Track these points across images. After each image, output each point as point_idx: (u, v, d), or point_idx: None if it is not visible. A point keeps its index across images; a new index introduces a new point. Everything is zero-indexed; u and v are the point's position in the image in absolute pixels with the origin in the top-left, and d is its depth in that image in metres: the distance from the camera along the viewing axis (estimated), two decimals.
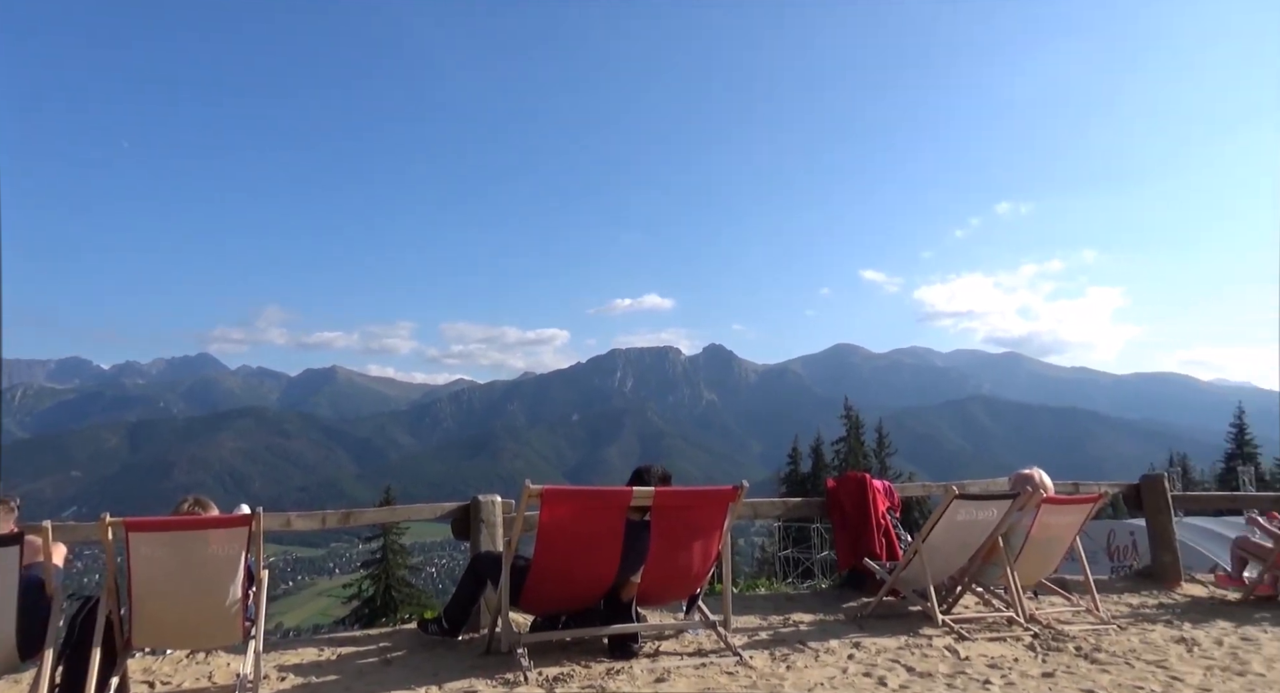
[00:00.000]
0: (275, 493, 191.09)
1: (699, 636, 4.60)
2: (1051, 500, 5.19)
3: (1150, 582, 6.61)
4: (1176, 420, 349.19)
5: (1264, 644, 4.49)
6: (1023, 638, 4.63)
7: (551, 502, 4.06)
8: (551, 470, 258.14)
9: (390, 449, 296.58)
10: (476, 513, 5.11)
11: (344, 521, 5.30)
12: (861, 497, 6.03)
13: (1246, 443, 42.13)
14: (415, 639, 4.67)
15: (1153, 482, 6.88)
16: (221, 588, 3.67)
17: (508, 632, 4.10)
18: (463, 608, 4.63)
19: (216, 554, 3.63)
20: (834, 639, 4.58)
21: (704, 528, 4.35)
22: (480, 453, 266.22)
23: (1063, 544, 5.40)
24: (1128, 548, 20.35)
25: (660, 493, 4.20)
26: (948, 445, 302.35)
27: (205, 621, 3.75)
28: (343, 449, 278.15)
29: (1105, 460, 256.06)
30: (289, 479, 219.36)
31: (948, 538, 5.01)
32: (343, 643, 4.65)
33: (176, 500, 4.32)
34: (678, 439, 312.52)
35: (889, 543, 5.87)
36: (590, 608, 4.40)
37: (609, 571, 4.20)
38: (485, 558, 4.65)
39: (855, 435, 44.04)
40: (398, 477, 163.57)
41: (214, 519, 3.87)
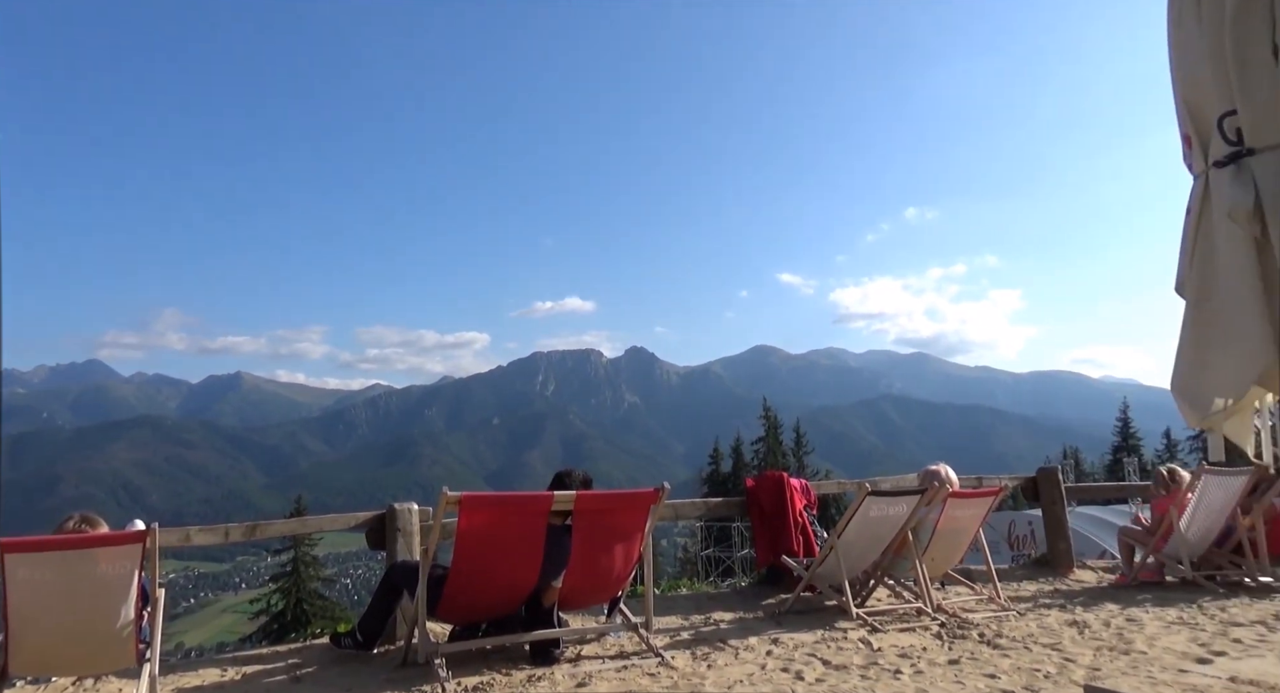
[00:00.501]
0: (175, 506, 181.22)
1: (621, 638, 4.60)
2: (957, 495, 5.43)
3: (1046, 569, 7.01)
4: (1069, 415, 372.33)
5: (1146, 624, 4.82)
6: (930, 627, 4.82)
7: (470, 509, 3.98)
8: (472, 476, 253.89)
9: (301, 458, 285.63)
10: (393, 522, 4.96)
11: (250, 534, 5.05)
12: (779, 495, 6.16)
13: (1131, 436, 45.32)
14: (327, 655, 4.49)
15: (1047, 474, 7.28)
16: (112, 609, 3.44)
17: (425, 642, 3.99)
18: (378, 620, 4.49)
19: (106, 574, 3.40)
20: (753, 636, 4.65)
21: (626, 531, 4.35)
22: (398, 460, 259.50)
23: (967, 536, 5.66)
24: (1027, 537, 21.54)
25: (581, 497, 4.18)
26: (861, 443, 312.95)
27: (94, 644, 3.50)
28: (249, 459, 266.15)
29: (1006, 455, 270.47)
30: (190, 491, 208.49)
31: (861, 534, 5.16)
32: (248, 662, 4.43)
33: (60, 518, 4.03)
34: (600, 442, 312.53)
35: (806, 540, 6.02)
36: (511, 615, 4.34)
37: (530, 577, 4.15)
38: (401, 568, 4.52)
39: (774, 435, 45.10)
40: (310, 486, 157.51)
41: (103, 537, 3.62)
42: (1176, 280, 3.22)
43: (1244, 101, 2.91)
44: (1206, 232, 3.08)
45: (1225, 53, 2.90)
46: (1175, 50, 3.17)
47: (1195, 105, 3.11)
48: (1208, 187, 3.06)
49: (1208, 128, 3.06)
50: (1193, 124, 3.13)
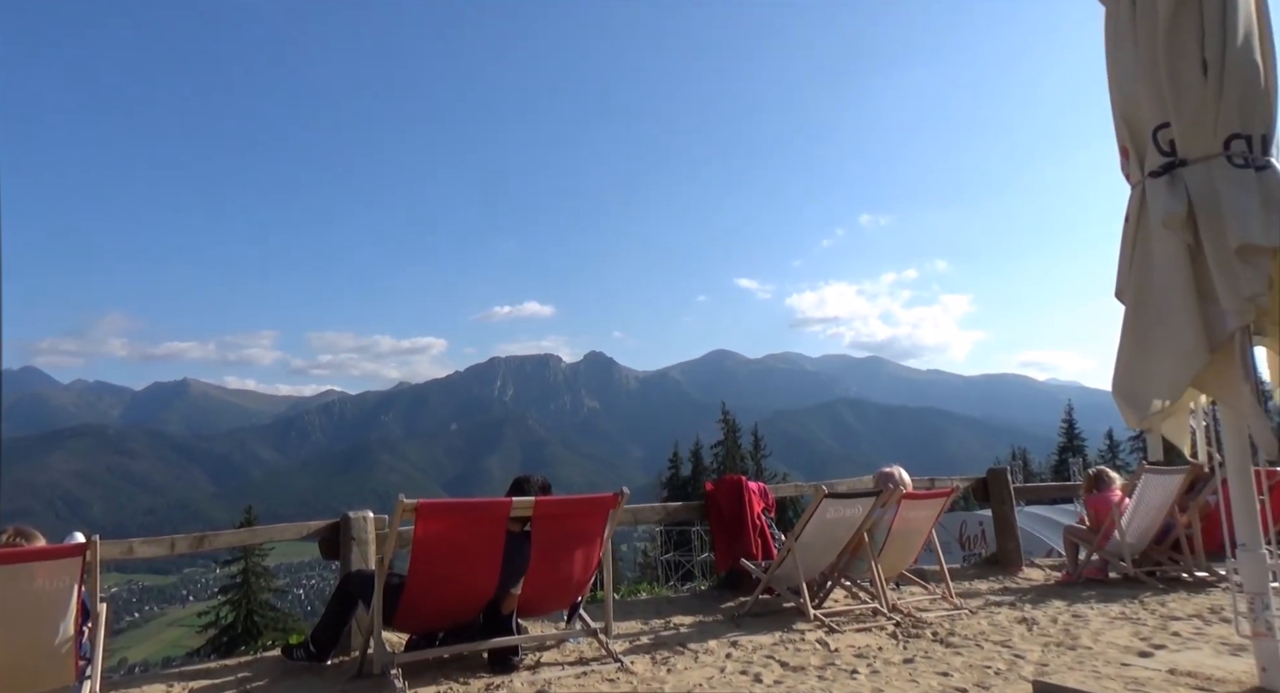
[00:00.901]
0: (118, 518, 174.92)
1: (580, 644, 4.58)
2: (910, 496, 5.54)
3: (996, 568, 7.19)
4: (1017, 417, 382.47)
5: (1091, 620, 4.98)
6: (886, 627, 4.91)
7: (427, 516, 3.93)
8: (430, 483, 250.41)
9: (252, 466, 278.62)
10: (347, 530, 4.87)
11: (197, 545, 4.91)
12: (738, 499, 6.21)
13: (1075, 436, 46.77)
14: (279, 667, 4.39)
15: (997, 475, 7.47)
16: (50, 626, 3.31)
17: (380, 652, 3.92)
18: (332, 631, 4.40)
19: (43, 589, 3.28)
20: (712, 639, 4.67)
21: (585, 536, 4.34)
22: (353, 467, 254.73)
23: (921, 536, 5.78)
24: (978, 537, 22.04)
25: (540, 503, 4.16)
26: (818, 446, 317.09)
27: (30, 662, 3.37)
28: (198, 468, 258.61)
29: (958, 456, 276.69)
30: (134, 502, 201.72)
31: (818, 536, 5.24)
32: (195, 676, 4.30)
33: None
34: (559, 447, 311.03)
35: (764, 543, 6.07)
36: (469, 623, 4.29)
37: (488, 584, 4.11)
38: (356, 577, 4.44)
39: (732, 439, 45.45)
40: (261, 495, 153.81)
41: (39, 551, 3.49)
42: (1116, 286, 3.33)
43: (1176, 114, 3.03)
44: (1144, 239, 3.20)
45: (1159, 68, 3.03)
46: (1112, 66, 3.29)
47: (1131, 118, 3.23)
48: (1144, 196, 3.18)
49: (1143, 140, 3.19)
50: (1129, 136, 3.26)
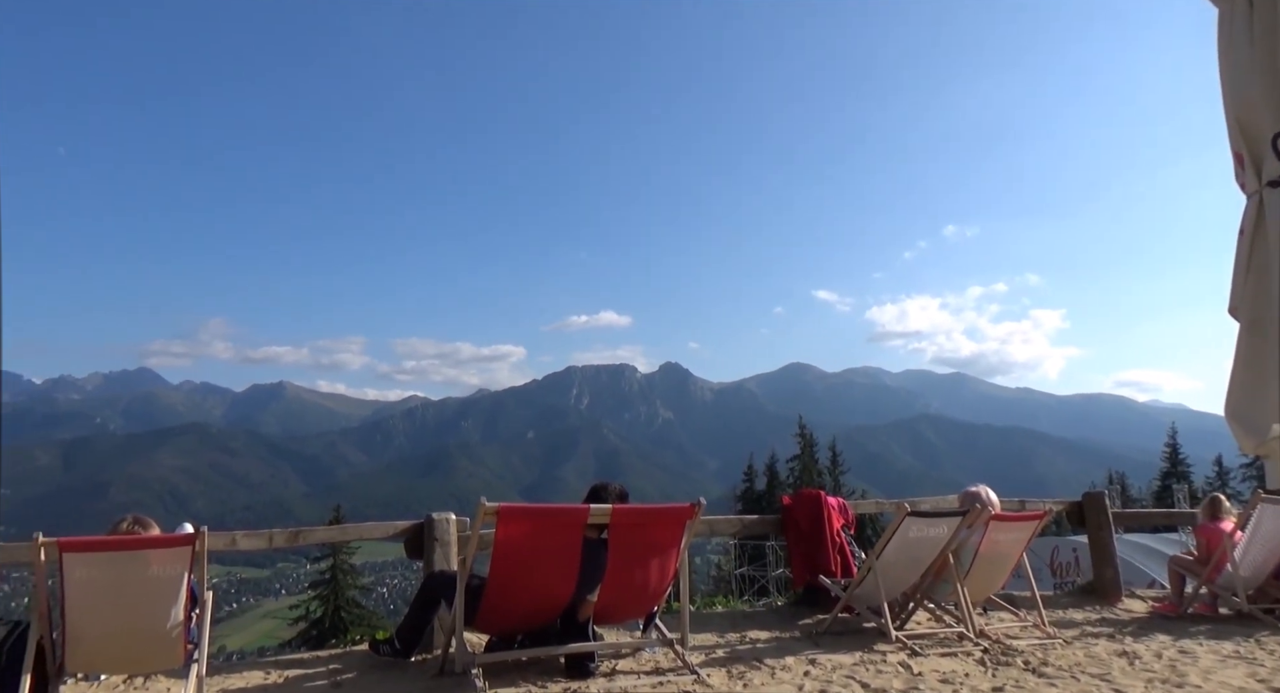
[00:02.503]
0: (219, 513, 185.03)
1: (656, 654, 4.58)
2: (999, 518, 5.32)
3: (1093, 597, 6.81)
4: (1113, 440, 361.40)
5: (1201, 658, 4.65)
6: (973, 653, 4.72)
7: (507, 520, 4.02)
8: (506, 489, 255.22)
9: (340, 467, 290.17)
10: (430, 531, 5.03)
11: (292, 540, 5.16)
12: (817, 514, 6.10)
13: (1180, 462, 43.88)
14: (366, 661, 4.56)
15: (1094, 499, 7.10)
16: (162, 610, 3.55)
17: (462, 652, 4.03)
18: (416, 628, 4.54)
19: (157, 575, 3.52)
20: (790, 656, 4.60)
21: (661, 546, 4.35)
22: (433, 471, 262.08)
23: (1010, 561, 5.54)
24: (1070, 564, 20.95)
25: (618, 511, 4.19)
26: (898, 463, 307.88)
27: (145, 644, 3.62)
28: (290, 467, 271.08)
29: (1047, 478, 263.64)
30: (233, 498, 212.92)
31: (900, 555, 5.09)
32: (290, 666, 4.52)
33: (114, 520, 4.17)
34: (633, 457, 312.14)
35: (844, 560, 5.94)
36: (546, 627, 4.36)
37: (566, 589, 4.17)
38: (439, 577, 4.58)
39: (809, 453, 44.61)
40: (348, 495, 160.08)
41: (155, 539, 3.75)
42: (1230, 302, 3.15)
43: None
44: (1261, 252, 3.02)
45: (1278, 71, 2.85)
46: (1226, 68, 3.12)
47: (1247, 124, 3.06)
48: (1261, 206, 3.00)
49: (1260, 147, 3.01)
50: (1245, 143, 3.08)
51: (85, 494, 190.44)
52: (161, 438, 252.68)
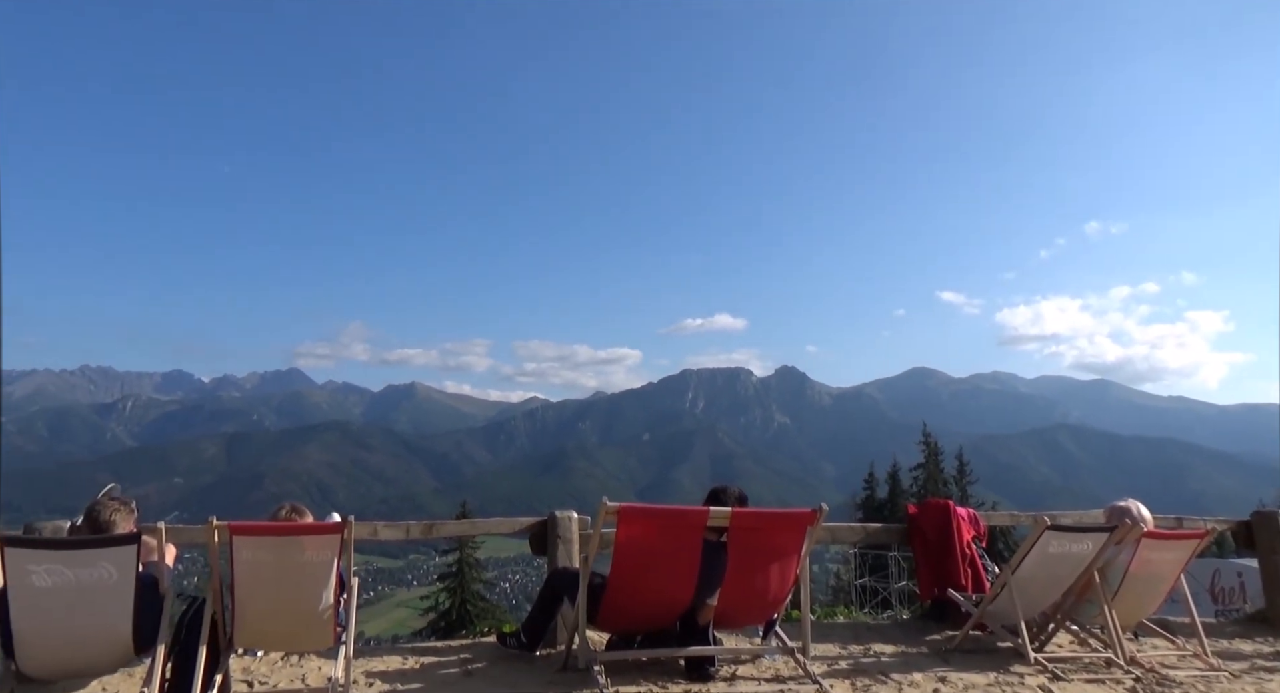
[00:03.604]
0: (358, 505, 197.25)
1: (776, 662, 4.53)
2: (1153, 535, 4.90)
3: (1263, 627, 6.16)
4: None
5: None
6: (1123, 681, 4.38)
7: (628, 520, 4.09)
8: (623, 490, 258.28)
9: (466, 465, 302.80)
10: (553, 529, 5.18)
11: (427, 532, 5.45)
12: (945, 524, 5.84)
13: None
14: (494, 652, 4.75)
15: (1265, 518, 6.42)
16: (315, 593, 3.84)
17: (584, 649, 4.13)
18: (540, 623, 4.69)
19: (311, 560, 3.80)
20: (917, 672, 4.43)
21: (782, 551, 4.30)
22: (552, 470, 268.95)
23: (1165, 583, 5.09)
24: (1235, 590, 18.96)
25: (737, 514, 4.18)
26: (1033, 475, 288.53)
27: (300, 624, 3.92)
28: (421, 464, 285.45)
29: (1205, 495, 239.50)
30: (371, 492, 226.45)
31: (1039, 571, 4.79)
32: (425, 653, 4.78)
33: (272, 508, 4.56)
34: (749, 461, 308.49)
35: (975, 574, 5.66)
36: (666, 629, 4.40)
37: (685, 591, 4.19)
38: (562, 574, 4.71)
39: (934, 462, 42.61)
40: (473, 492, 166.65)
41: (309, 526, 4.06)
42: None
43: None
44: None
45: None
46: None
47: None
48: None
49: None
50: None
51: (244, 484, 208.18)
52: (308, 434, 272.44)
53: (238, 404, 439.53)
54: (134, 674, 4.09)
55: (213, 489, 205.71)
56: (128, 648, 3.61)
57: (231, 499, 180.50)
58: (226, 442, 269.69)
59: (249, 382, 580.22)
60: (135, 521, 3.87)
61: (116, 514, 3.75)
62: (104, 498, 3.84)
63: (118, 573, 3.47)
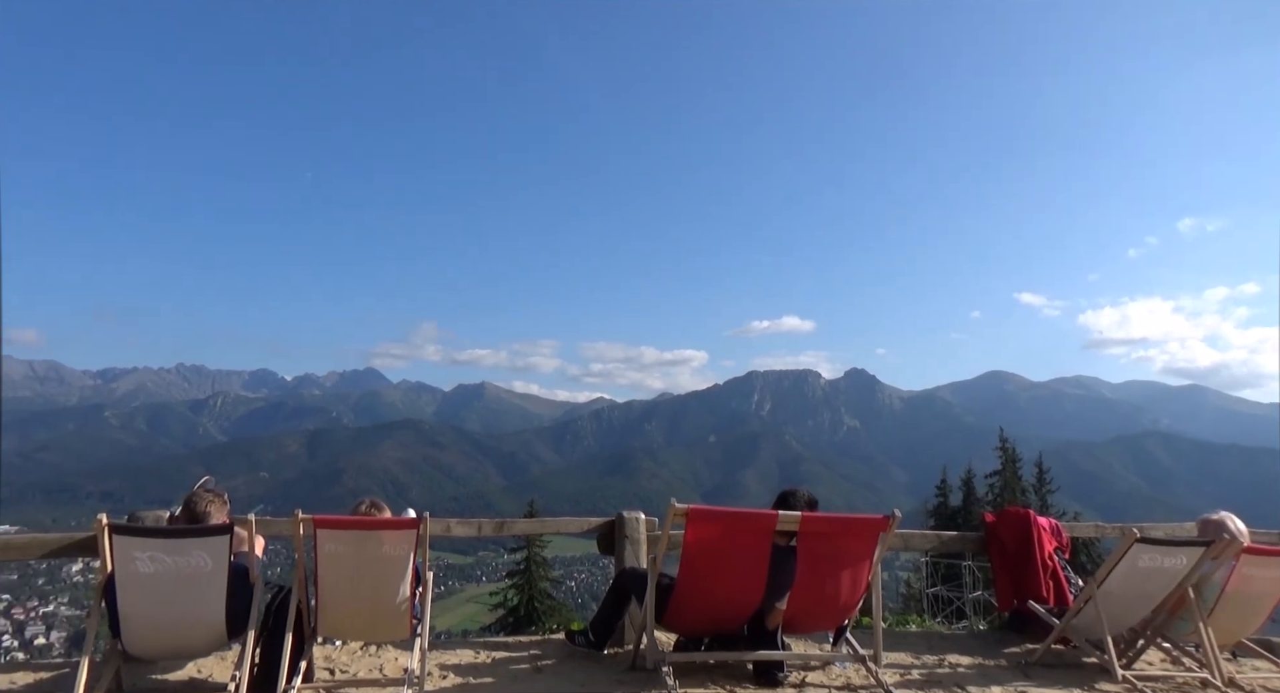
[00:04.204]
0: (430, 502, 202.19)
1: (847, 669, 4.46)
2: (1255, 551, 4.62)
3: None
4: None
5: None
6: None
7: (696, 521, 4.09)
8: (689, 492, 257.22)
9: (534, 464, 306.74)
10: (621, 529, 5.21)
11: (498, 530, 5.57)
12: (1025, 534, 5.63)
13: None
14: (563, 650, 4.82)
15: None
16: (393, 586, 3.97)
17: (652, 649, 4.15)
18: (608, 622, 4.73)
19: (389, 554, 3.94)
20: (996, 686, 4.29)
21: (853, 557, 4.23)
22: (618, 471, 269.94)
23: (1267, 601, 4.79)
24: None
25: (807, 518, 4.13)
26: (1119, 484, 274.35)
27: (378, 616, 4.06)
28: (490, 462, 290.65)
29: None
30: (442, 489, 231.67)
31: (1127, 585, 4.58)
32: (496, 648, 4.88)
33: (352, 503, 4.73)
34: (817, 465, 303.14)
35: (1057, 586, 5.44)
36: (734, 632, 4.38)
37: (754, 595, 4.16)
38: (630, 574, 4.74)
39: (1011, 469, 41.00)
40: (540, 491, 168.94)
41: (388, 521, 4.20)
42: None
43: None
44: None
45: None
46: None
47: None
48: None
49: None
50: None
51: (324, 480, 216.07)
52: (384, 432, 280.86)
53: (318, 402, 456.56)
54: (226, 658, 4.31)
55: (295, 484, 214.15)
56: (221, 633, 3.81)
57: (312, 494, 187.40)
58: (308, 438, 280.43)
59: (328, 381, 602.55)
60: (228, 512, 4.08)
61: (212, 505, 3.97)
62: (200, 490, 4.06)
63: (212, 562, 3.66)
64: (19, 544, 4.48)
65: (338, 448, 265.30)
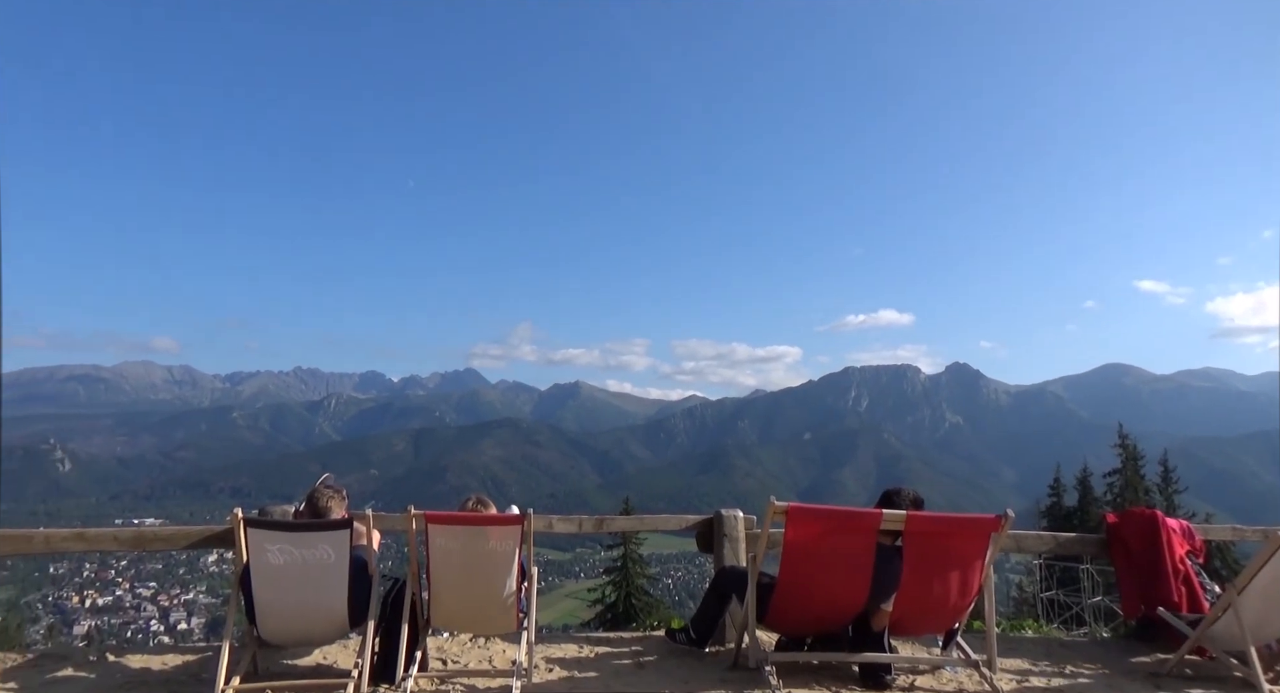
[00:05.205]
0: (529, 499, 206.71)
1: (958, 674, 4.30)
2: None
3: None
4: None
5: None
6: None
7: (797, 520, 4.03)
8: (784, 490, 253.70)
9: (628, 462, 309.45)
10: (719, 527, 5.20)
11: (598, 527, 5.65)
12: (1152, 536, 5.28)
13: None
14: (664, 647, 4.85)
15: None
16: (500, 580, 4.11)
17: (755, 649, 4.12)
18: (709, 621, 4.73)
19: (495, 549, 4.08)
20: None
21: (963, 558, 4.08)
22: (712, 469, 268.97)
23: None
24: None
25: (913, 517, 4.01)
26: (1254, 483, 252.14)
27: (487, 609, 4.21)
28: (586, 460, 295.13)
29: None
30: (540, 486, 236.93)
31: (1271, 592, 4.22)
32: (598, 643, 4.97)
33: (459, 499, 4.91)
34: (918, 463, 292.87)
35: (1190, 592, 5.06)
36: (837, 633, 4.30)
37: (858, 596, 4.07)
38: (730, 573, 4.72)
39: (1133, 467, 38.40)
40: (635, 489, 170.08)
41: (494, 517, 4.34)
42: None
43: None
44: None
45: None
46: None
47: None
48: None
49: None
50: None
51: (429, 477, 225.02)
52: (484, 431, 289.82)
53: (422, 402, 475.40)
54: (348, 646, 4.56)
55: (403, 481, 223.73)
56: (343, 622, 4.04)
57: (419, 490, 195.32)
58: (413, 437, 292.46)
59: (431, 381, 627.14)
60: (346, 507, 4.32)
61: (332, 501, 4.21)
62: (322, 486, 4.32)
63: (335, 554, 3.89)
64: (166, 536, 4.88)
65: (441, 446, 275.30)
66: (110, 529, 4.87)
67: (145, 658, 4.49)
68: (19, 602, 78.08)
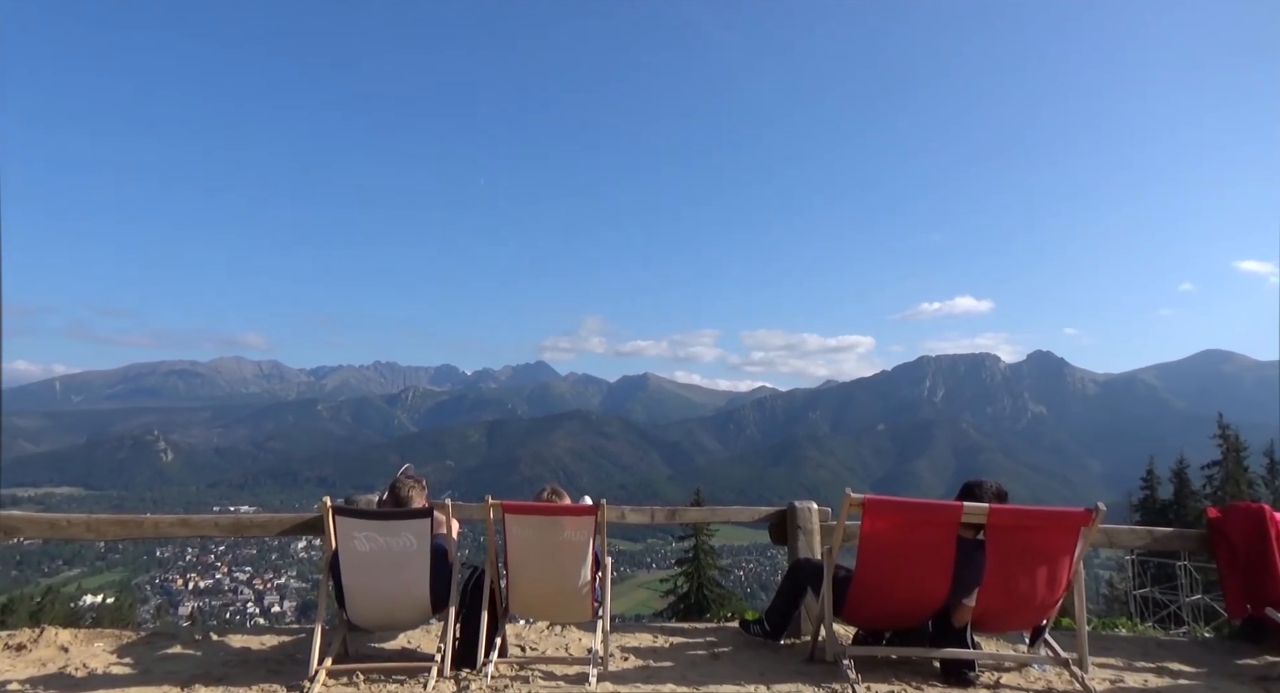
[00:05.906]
0: (600, 490, 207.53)
1: (1047, 673, 4.16)
2: None
3: None
4: None
5: None
6: None
7: (874, 512, 3.96)
8: (857, 481, 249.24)
9: (697, 453, 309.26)
10: (793, 519, 5.15)
11: (670, 517, 5.67)
12: (1260, 532, 4.97)
13: None
14: (738, 638, 4.85)
15: None
16: (574, 569, 4.17)
17: (832, 642, 4.07)
18: (784, 613, 4.70)
19: (570, 539, 4.15)
20: None
21: (1050, 553, 3.93)
22: (783, 460, 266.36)
23: None
24: None
25: (996, 510, 3.88)
26: None
27: (562, 597, 4.29)
28: (655, 452, 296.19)
29: None
30: (610, 477, 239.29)
31: None
32: (673, 633, 4.99)
33: (533, 489, 5.01)
34: (998, 454, 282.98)
35: None
36: (917, 627, 4.21)
37: (938, 590, 3.97)
38: (805, 565, 4.67)
39: (1234, 459, 36.17)
40: (705, 480, 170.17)
41: (568, 507, 4.41)
42: None
43: None
44: None
45: None
46: None
47: None
48: None
49: None
50: None
51: (503, 467, 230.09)
52: (555, 423, 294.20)
53: (495, 395, 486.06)
54: (430, 631, 4.71)
55: (477, 471, 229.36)
56: (426, 608, 4.18)
57: (493, 481, 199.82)
58: (487, 429, 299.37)
59: (504, 374, 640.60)
60: (426, 497, 4.46)
61: (413, 490, 4.35)
62: (403, 476, 4.47)
63: (416, 542, 4.03)
64: (261, 523, 5.14)
65: (514, 438, 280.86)
66: (211, 516, 5.23)
67: (245, 638, 4.75)
68: (130, 583, 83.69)
